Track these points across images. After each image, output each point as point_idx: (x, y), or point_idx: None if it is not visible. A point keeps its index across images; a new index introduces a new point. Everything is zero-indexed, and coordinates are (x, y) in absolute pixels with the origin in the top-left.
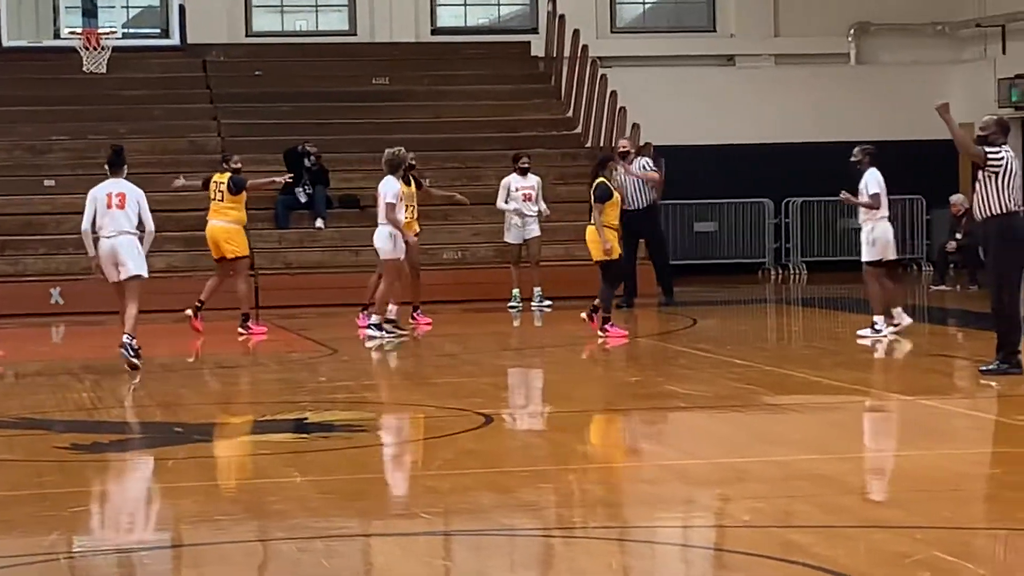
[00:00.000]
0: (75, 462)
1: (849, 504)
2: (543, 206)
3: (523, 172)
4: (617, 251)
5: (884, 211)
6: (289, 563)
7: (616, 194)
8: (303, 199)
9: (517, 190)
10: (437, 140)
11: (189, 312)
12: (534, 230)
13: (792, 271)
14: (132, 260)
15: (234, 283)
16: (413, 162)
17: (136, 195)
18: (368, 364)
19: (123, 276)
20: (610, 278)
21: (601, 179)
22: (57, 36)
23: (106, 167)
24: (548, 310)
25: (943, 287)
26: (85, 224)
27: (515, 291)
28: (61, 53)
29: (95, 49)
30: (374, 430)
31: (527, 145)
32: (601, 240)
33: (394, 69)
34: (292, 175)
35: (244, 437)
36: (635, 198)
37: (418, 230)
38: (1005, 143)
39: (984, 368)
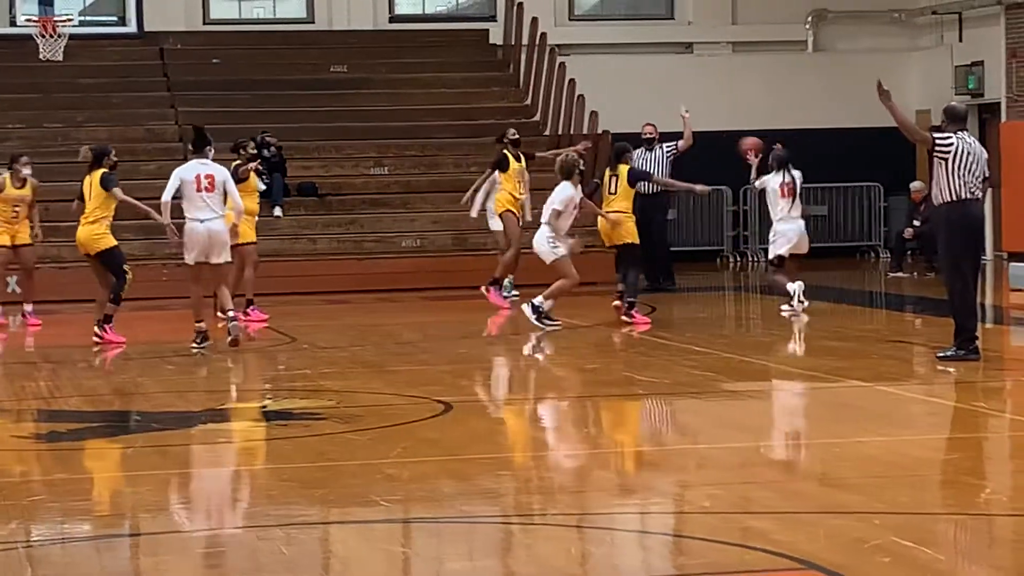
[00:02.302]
0: (33, 451)
1: (808, 490)
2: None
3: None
4: (634, 236)
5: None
6: (248, 551)
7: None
8: (261, 187)
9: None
10: (395, 128)
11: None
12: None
13: (750, 259)
14: (226, 248)
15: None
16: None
17: (223, 176)
18: (326, 352)
19: (214, 261)
20: (636, 264)
21: (627, 165)
22: (13, 24)
23: (190, 148)
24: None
25: (901, 274)
26: (166, 196)
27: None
28: (17, 41)
29: (52, 37)
30: (333, 418)
31: (485, 133)
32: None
33: (352, 57)
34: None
35: (202, 425)
36: (648, 185)
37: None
38: (960, 130)
39: (941, 354)
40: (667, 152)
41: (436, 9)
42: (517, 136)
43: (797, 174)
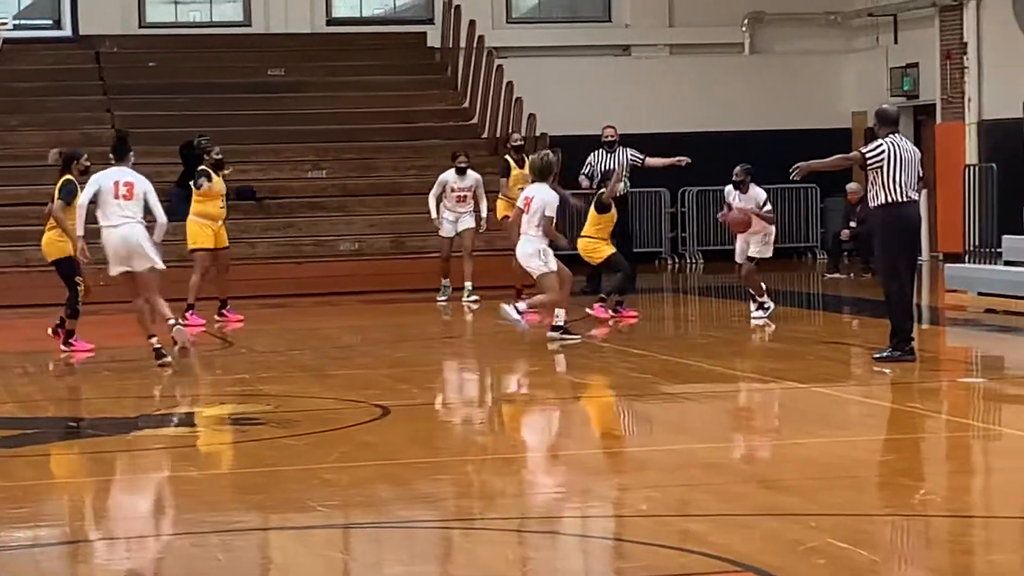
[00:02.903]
0: None
1: (745, 492)
2: (483, 207)
3: (461, 171)
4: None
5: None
6: (184, 558)
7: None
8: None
9: (453, 191)
10: (333, 131)
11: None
12: (468, 222)
13: (689, 260)
14: (147, 255)
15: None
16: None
17: (144, 186)
18: (264, 356)
19: (138, 268)
20: (618, 269)
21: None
22: None
23: (111, 155)
24: (475, 305)
25: (837, 275)
26: (82, 200)
27: (445, 282)
28: None
29: None
30: (270, 423)
31: (423, 136)
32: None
33: (289, 60)
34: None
35: (139, 431)
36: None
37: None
38: (892, 132)
39: (877, 355)
40: (631, 159)
41: (373, 12)
42: (521, 142)
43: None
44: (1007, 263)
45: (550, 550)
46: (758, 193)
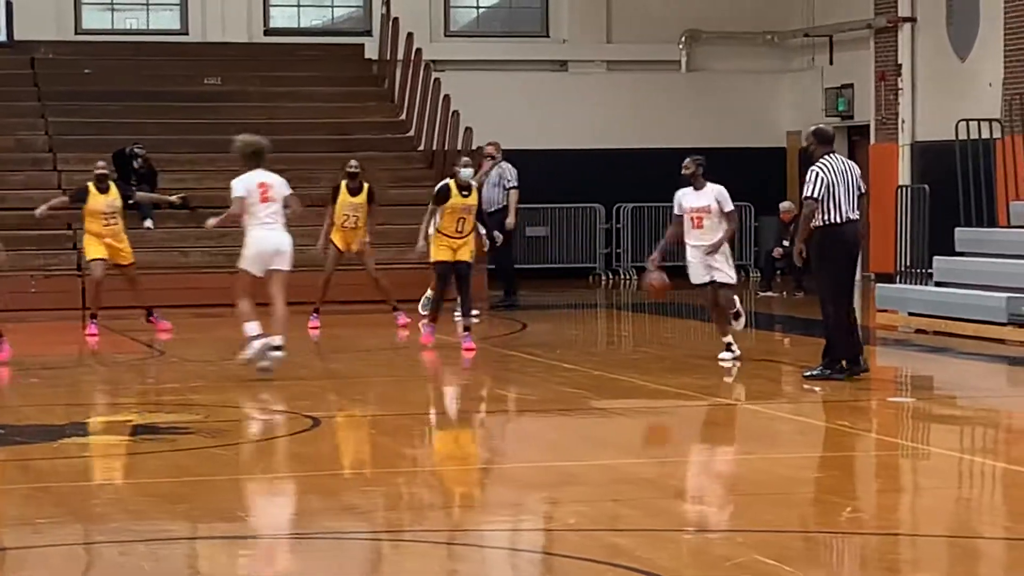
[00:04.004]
0: None
1: (673, 507)
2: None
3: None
4: (434, 256)
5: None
6: (110, 567)
7: (453, 199)
8: (131, 200)
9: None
10: (270, 141)
11: None
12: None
13: (623, 276)
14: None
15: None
16: (355, 169)
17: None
18: (195, 366)
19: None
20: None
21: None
22: None
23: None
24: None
25: (770, 293)
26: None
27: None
28: None
29: None
30: (200, 432)
31: (360, 148)
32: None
33: (226, 69)
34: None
35: (67, 439)
36: (491, 199)
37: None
38: (828, 152)
39: (808, 373)
40: (508, 183)
41: (311, 23)
42: (356, 169)
43: None
44: (938, 284)
45: (479, 563)
46: (716, 189)
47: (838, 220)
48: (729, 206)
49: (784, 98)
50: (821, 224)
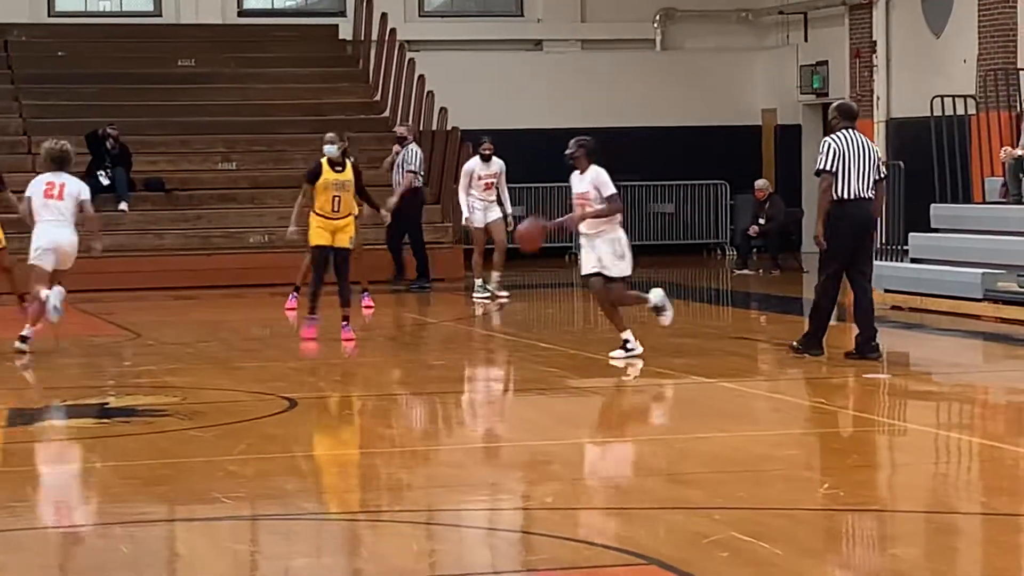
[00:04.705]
0: None
1: (649, 485)
2: (506, 197)
3: (485, 158)
4: (312, 240)
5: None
6: (87, 550)
7: (325, 175)
8: (105, 182)
9: (480, 178)
10: (244, 123)
11: None
12: (496, 212)
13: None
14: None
15: None
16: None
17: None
18: (172, 348)
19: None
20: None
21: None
22: None
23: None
24: (506, 300)
25: (746, 271)
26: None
27: (480, 280)
28: None
29: None
30: (177, 415)
31: (334, 128)
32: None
33: (200, 51)
34: None
35: (44, 422)
36: (396, 181)
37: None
38: (848, 127)
39: (794, 345)
40: (408, 165)
41: (285, 4)
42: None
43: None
44: (913, 260)
45: (456, 543)
46: (597, 175)
47: (846, 196)
48: (608, 190)
49: (759, 76)
50: (835, 199)
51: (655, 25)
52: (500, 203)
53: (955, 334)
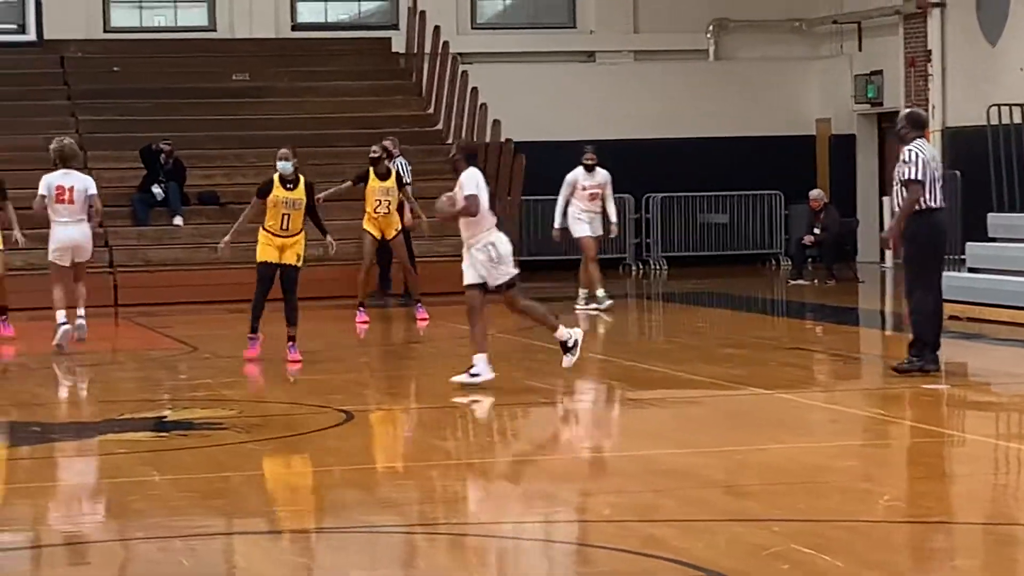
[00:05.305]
0: None
1: (708, 497)
2: (611, 208)
3: (589, 168)
4: (259, 256)
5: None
6: (148, 563)
7: (275, 192)
8: (160, 196)
9: (584, 189)
10: (297, 137)
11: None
12: (600, 227)
13: (653, 266)
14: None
15: None
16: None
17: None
18: (228, 361)
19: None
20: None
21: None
22: None
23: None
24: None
25: (801, 281)
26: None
27: (599, 291)
28: None
29: None
30: (234, 428)
31: (393, 143)
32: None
33: (254, 65)
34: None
35: (103, 436)
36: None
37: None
38: (919, 136)
39: (898, 366)
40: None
41: (338, 18)
42: (377, 154)
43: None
44: (971, 270)
45: (513, 554)
46: (466, 177)
47: (934, 205)
48: (467, 191)
49: (813, 85)
50: (916, 209)
51: (708, 35)
52: (605, 215)
53: (1013, 344)
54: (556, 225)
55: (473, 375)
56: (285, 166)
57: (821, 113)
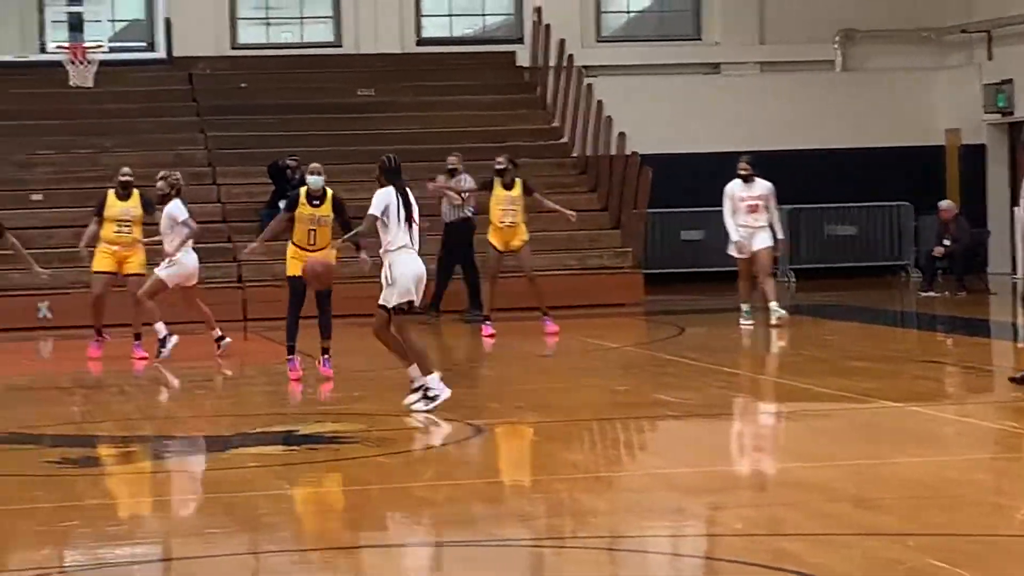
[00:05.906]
0: (65, 476)
1: (840, 511)
2: (776, 218)
3: (745, 179)
4: (289, 270)
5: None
6: (282, 575)
7: (301, 208)
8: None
9: (742, 200)
10: (423, 151)
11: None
12: (764, 240)
13: (780, 279)
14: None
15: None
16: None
17: None
18: (357, 375)
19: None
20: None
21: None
22: (43, 51)
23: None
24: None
25: (932, 293)
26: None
27: (746, 306)
28: (47, 68)
29: (81, 63)
30: (364, 442)
31: (513, 155)
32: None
33: (379, 80)
34: None
35: (234, 450)
36: (448, 212)
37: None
38: None
39: (1015, 377)
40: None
41: (463, 32)
42: (503, 166)
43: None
44: None
45: (642, 568)
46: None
47: None
48: (370, 209)
49: (942, 95)
50: None
51: (835, 46)
52: (771, 225)
53: None
54: (732, 239)
55: (431, 398)
56: (316, 180)
57: (950, 123)
